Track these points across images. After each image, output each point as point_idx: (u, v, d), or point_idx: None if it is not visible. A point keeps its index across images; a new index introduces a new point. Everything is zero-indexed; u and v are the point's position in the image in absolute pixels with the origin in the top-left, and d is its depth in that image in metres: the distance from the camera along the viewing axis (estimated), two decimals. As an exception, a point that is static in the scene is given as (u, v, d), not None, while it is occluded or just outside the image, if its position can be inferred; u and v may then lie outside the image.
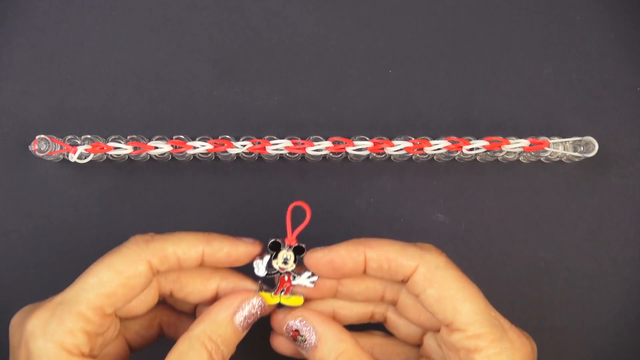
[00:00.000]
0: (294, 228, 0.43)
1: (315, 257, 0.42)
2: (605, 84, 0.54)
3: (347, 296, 0.44)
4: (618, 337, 0.53)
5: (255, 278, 0.44)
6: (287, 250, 0.43)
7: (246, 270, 0.44)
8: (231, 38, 0.53)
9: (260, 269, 0.43)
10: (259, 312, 0.43)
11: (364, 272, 0.42)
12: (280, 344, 0.45)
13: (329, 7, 0.54)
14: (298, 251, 0.43)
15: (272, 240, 0.43)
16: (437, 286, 0.40)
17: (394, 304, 0.45)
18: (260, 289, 0.44)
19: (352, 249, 0.42)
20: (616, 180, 0.53)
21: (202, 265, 0.42)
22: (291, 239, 0.43)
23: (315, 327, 0.42)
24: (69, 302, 0.38)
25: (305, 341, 0.42)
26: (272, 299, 0.44)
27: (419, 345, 0.45)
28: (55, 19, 0.53)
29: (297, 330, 0.42)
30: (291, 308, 0.43)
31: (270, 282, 0.44)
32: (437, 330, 0.42)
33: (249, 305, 0.42)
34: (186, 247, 0.41)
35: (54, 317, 0.38)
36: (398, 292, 0.44)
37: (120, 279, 0.39)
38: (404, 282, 0.42)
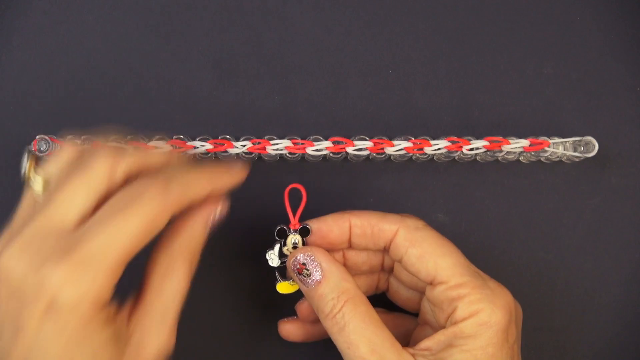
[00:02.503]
0: (293, 212, 0.45)
1: (310, 228, 0.45)
2: (605, 84, 0.54)
3: (353, 269, 0.47)
4: (618, 337, 0.53)
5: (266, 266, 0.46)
6: (294, 235, 0.45)
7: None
8: (231, 38, 0.53)
9: (273, 259, 0.46)
10: (219, 218, 0.44)
11: (349, 241, 0.45)
12: (288, 331, 0.48)
13: (329, 7, 0.54)
14: (304, 233, 0.45)
15: (278, 227, 0.45)
16: (418, 245, 0.43)
17: (391, 270, 0.47)
18: (277, 280, 0.46)
19: (338, 217, 0.45)
20: (616, 180, 0.53)
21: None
22: (294, 222, 0.45)
23: (321, 264, 0.43)
24: (100, 257, 0.37)
25: (310, 276, 0.43)
26: (291, 286, 0.46)
27: (416, 312, 0.47)
28: (55, 19, 0.53)
29: (304, 264, 0.44)
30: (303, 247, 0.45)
31: (283, 272, 0.46)
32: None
33: (215, 215, 0.43)
34: (199, 190, 0.42)
35: (86, 273, 0.36)
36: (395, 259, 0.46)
37: (147, 232, 0.39)
38: (386, 249, 0.45)
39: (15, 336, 0.36)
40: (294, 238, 0.45)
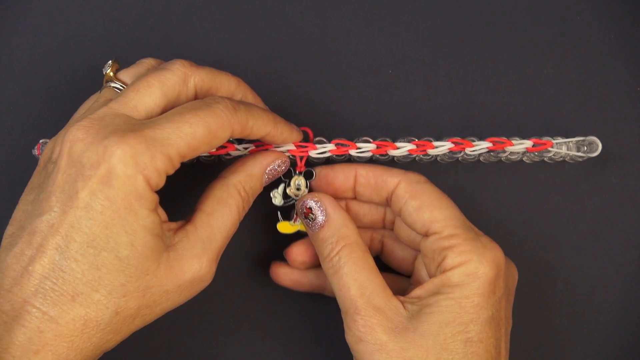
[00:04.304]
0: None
1: (314, 171, 0.48)
2: (606, 84, 0.54)
3: (355, 220, 0.48)
4: (618, 337, 0.53)
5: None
6: (298, 177, 0.48)
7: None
8: (231, 38, 0.53)
9: (276, 198, 0.48)
10: (280, 171, 0.47)
11: (354, 190, 0.48)
12: (279, 275, 0.50)
13: (329, 7, 0.54)
14: (308, 176, 0.48)
15: None
16: (417, 197, 0.45)
17: (392, 227, 0.49)
18: (279, 219, 0.49)
19: (345, 166, 0.48)
20: (616, 180, 0.54)
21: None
22: (300, 165, 0.48)
23: (326, 209, 0.46)
24: (162, 142, 0.39)
25: (314, 220, 0.46)
26: (291, 227, 0.48)
27: (410, 274, 0.49)
28: (55, 19, 0.53)
29: (310, 208, 0.46)
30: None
31: (286, 213, 0.49)
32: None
33: (275, 164, 0.47)
34: (261, 124, 0.44)
35: (147, 152, 0.38)
36: (397, 212, 0.47)
37: (209, 138, 0.41)
38: (388, 201, 0.47)
39: (65, 205, 0.38)
40: (298, 180, 0.48)
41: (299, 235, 0.49)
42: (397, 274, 0.50)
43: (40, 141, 0.49)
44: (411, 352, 0.42)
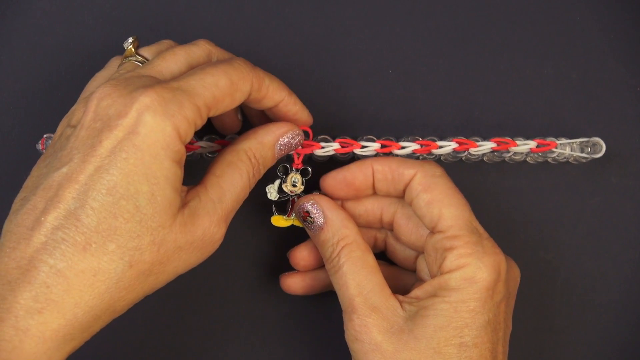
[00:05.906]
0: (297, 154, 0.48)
1: (331, 176, 0.47)
2: (605, 84, 0.54)
3: None
4: (618, 337, 0.54)
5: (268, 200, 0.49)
6: (295, 173, 0.48)
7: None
8: (231, 38, 0.53)
9: (272, 193, 0.48)
10: (293, 144, 0.46)
11: (372, 187, 0.47)
12: (289, 285, 0.50)
13: (329, 7, 0.54)
14: (304, 174, 0.48)
15: (281, 165, 0.48)
16: (429, 191, 0.44)
17: (390, 228, 0.49)
18: (273, 213, 0.49)
19: (360, 164, 0.47)
20: (616, 180, 0.54)
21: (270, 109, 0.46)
22: (297, 162, 0.48)
23: (324, 211, 0.46)
24: (188, 92, 0.39)
25: (313, 222, 0.46)
26: (285, 221, 0.48)
27: (414, 270, 0.49)
28: (55, 19, 0.53)
29: (307, 212, 0.46)
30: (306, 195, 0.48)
31: (282, 208, 0.49)
32: (423, 252, 0.46)
33: (288, 136, 0.46)
34: (276, 86, 0.44)
35: (174, 100, 0.38)
36: (393, 215, 0.48)
37: (231, 89, 0.41)
38: (404, 192, 0.46)
39: (86, 155, 0.37)
40: (294, 177, 0.48)
41: (299, 236, 0.49)
42: (405, 269, 0.50)
43: (45, 135, 0.49)
44: (404, 354, 0.42)
